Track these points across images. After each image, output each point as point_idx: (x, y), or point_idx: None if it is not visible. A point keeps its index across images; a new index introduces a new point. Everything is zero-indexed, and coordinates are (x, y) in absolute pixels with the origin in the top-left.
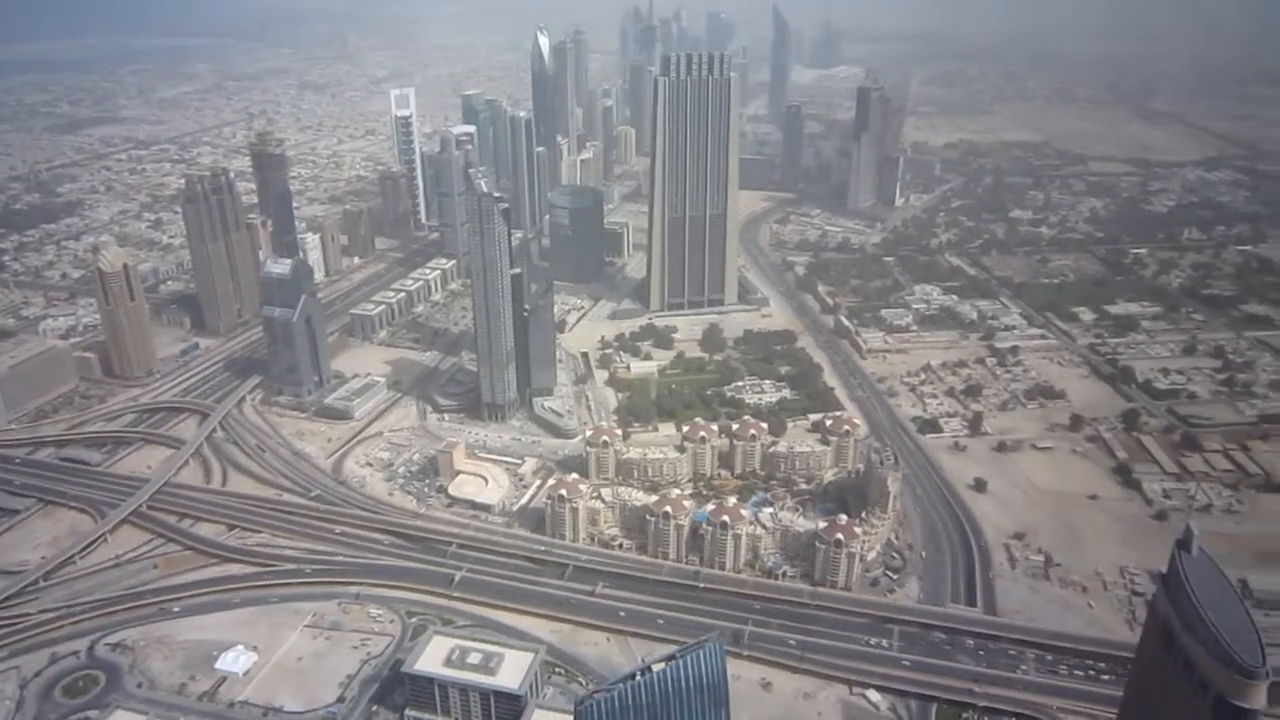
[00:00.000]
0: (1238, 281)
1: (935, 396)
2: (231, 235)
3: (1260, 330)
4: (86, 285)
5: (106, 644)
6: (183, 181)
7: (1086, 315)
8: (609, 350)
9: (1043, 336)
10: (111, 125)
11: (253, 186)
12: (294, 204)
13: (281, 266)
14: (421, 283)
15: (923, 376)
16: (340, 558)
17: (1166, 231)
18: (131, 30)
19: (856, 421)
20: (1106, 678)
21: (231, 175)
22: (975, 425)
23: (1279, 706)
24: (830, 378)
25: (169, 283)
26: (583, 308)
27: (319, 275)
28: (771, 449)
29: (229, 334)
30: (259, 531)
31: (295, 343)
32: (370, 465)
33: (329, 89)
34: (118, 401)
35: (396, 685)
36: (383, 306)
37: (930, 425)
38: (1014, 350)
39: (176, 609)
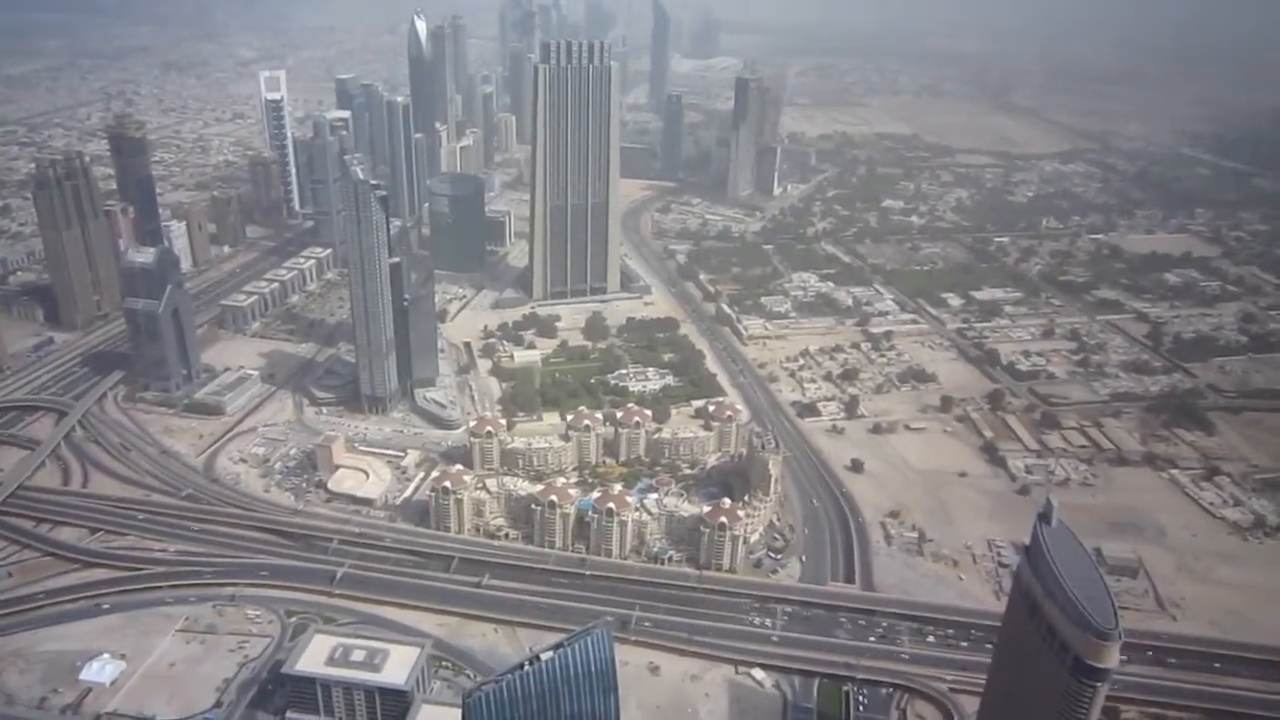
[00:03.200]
0: (1091, 268)
1: (814, 381)
2: (89, 223)
3: (1111, 314)
4: None
5: None
6: (33, 166)
7: (955, 301)
8: (492, 340)
9: (914, 321)
10: None
11: (111, 172)
12: (157, 190)
13: (144, 256)
14: (296, 272)
15: (801, 362)
16: (215, 558)
17: (1027, 220)
18: None
19: (738, 407)
20: (977, 646)
21: (87, 159)
22: (852, 408)
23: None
24: (712, 364)
25: (19, 273)
26: (464, 297)
27: (186, 265)
28: (656, 436)
29: (87, 327)
30: (125, 535)
31: (161, 335)
32: (245, 461)
33: (194, 70)
34: None
35: (277, 687)
36: (255, 297)
37: (809, 409)
38: (888, 335)
39: (34, 619)
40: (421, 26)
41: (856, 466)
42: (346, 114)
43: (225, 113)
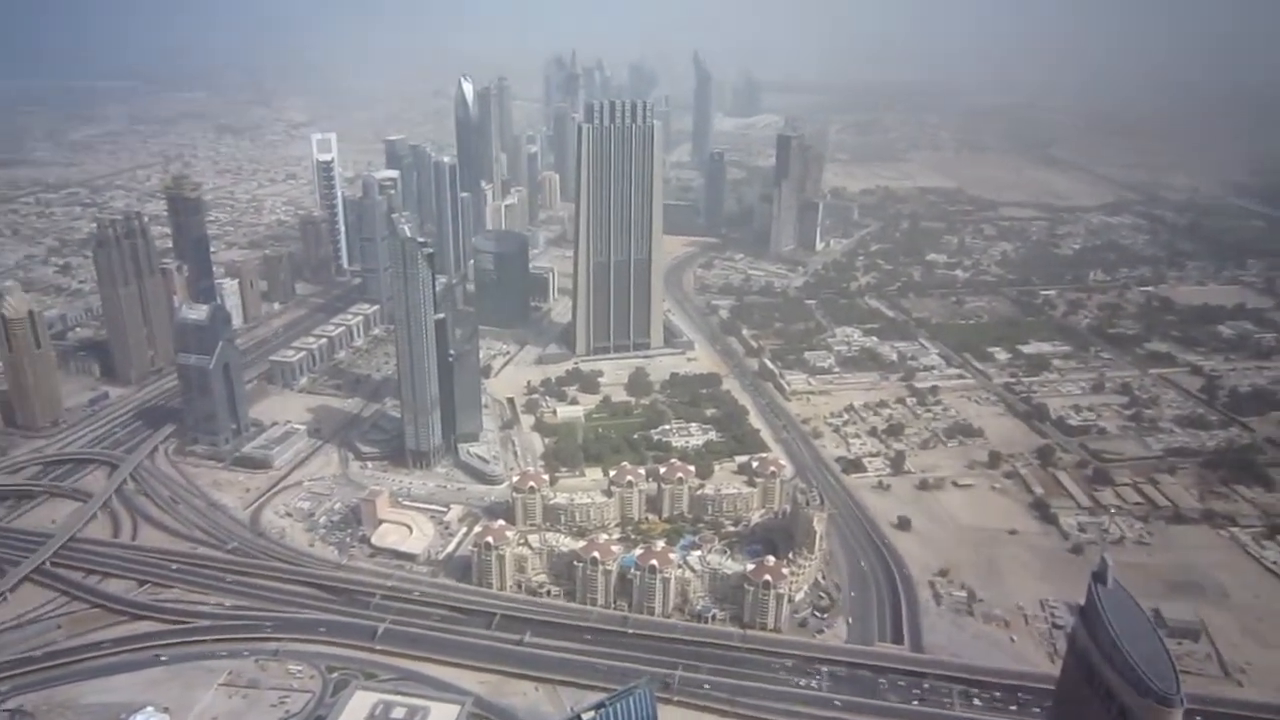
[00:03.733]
0: (1141, 321)
1: (858, 437)
2: (145, 280)
3: (1164, 368)
4: None
5: (5, 710)
6: (93, 225)
7: (1001, 355)
8: (535, 395)
9: (960, 376)
10: (18, 168)
11: (168, 231)
12: (211, 249)
13: (197, 312)
14: (343, 328)
15: (845, 417)
16: (258, 612)
17: (1074, 273)
18: (35, 72)
19: (782, 463)
20: (1030, 710)
21: (145, 219)
22: (898, 464)
23: None
24: (755, 420)
25: (78, 329)
26: (508, 353)
27: (237, 321)
28: (699, 492)
29: (141, 382)
30: (171, 587)
31: (212, 390)
32: (290, 515)
33: (247, 133)
34: (21, 453)
35: None
36: (303, 353)
37: (854, 465)
38: (933, 390)
39: (81, 670)
40: (468, 89)
41: (903, 524)
42: (395, 174)
43: (278, 174)
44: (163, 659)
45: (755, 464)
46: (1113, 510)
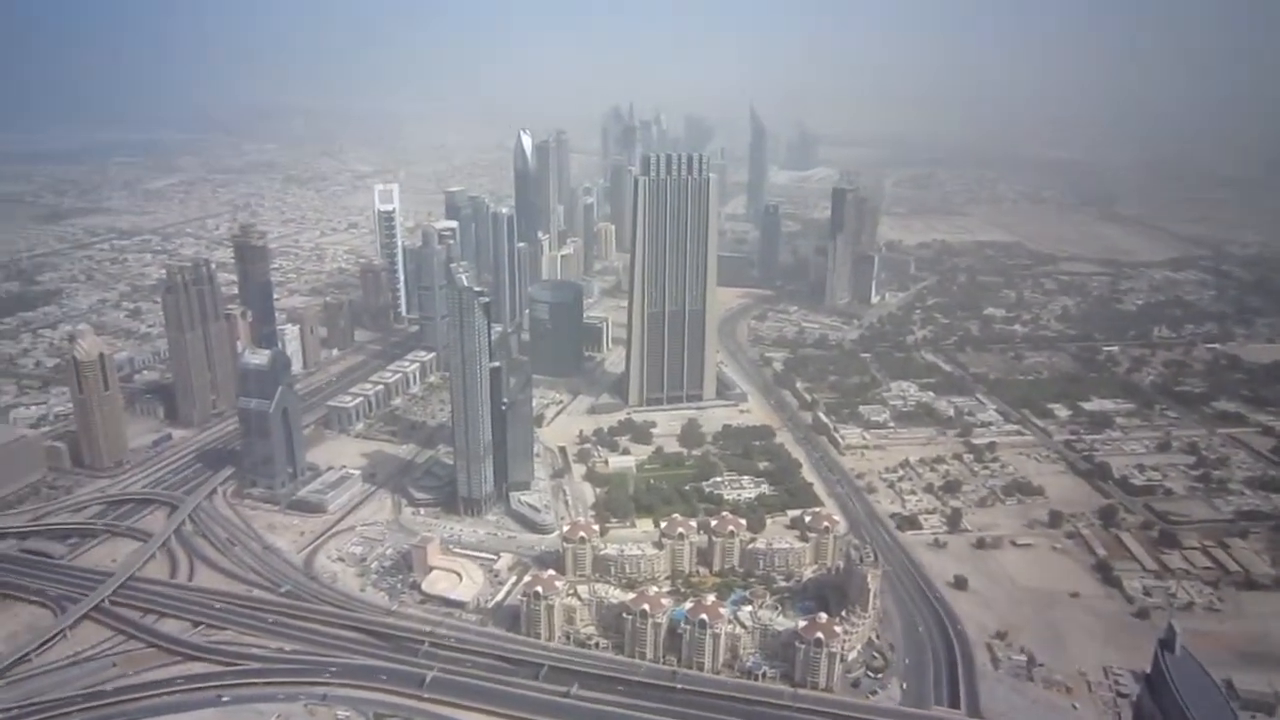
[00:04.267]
0: (1208, 379)
1: (914, 493)
2: (210, 325)
3: (1232, 427)
4: (60, 374)
5: None
6: (163, 271)
7: (1062, 412)
8: (587, 445)
9: (1019, 433)
10: (96, 215)
11: (234, 278)
12: (274, 295)
13: (259, 357)
14: (400, 375)
15: (901, 473)
16: (309, 656)
17: (1137, 329)
18: (120, 124)
19: (835, 518)
20: None
21: (213, 266)
22: (954, 522)
23: None
24: (809, 474)
25: (144, 372)
26: (561, 402)
27: (297, 367)
28: (750, 545)
29: (203, 425)
30: (225, 629)
31: (270, 434)
32: (343, 560)
33: (313, 183)
34: (85, 492)
35: None
36: (360, 399)
37: (909, 522)
38: (991, 446)
39: (134, 710)
40: (527, 142)
41: (960, 583)
42: (454, 224)
43: (341, 223)
44: (224, 699)
45: (808, 519)
46: (1180, 574)
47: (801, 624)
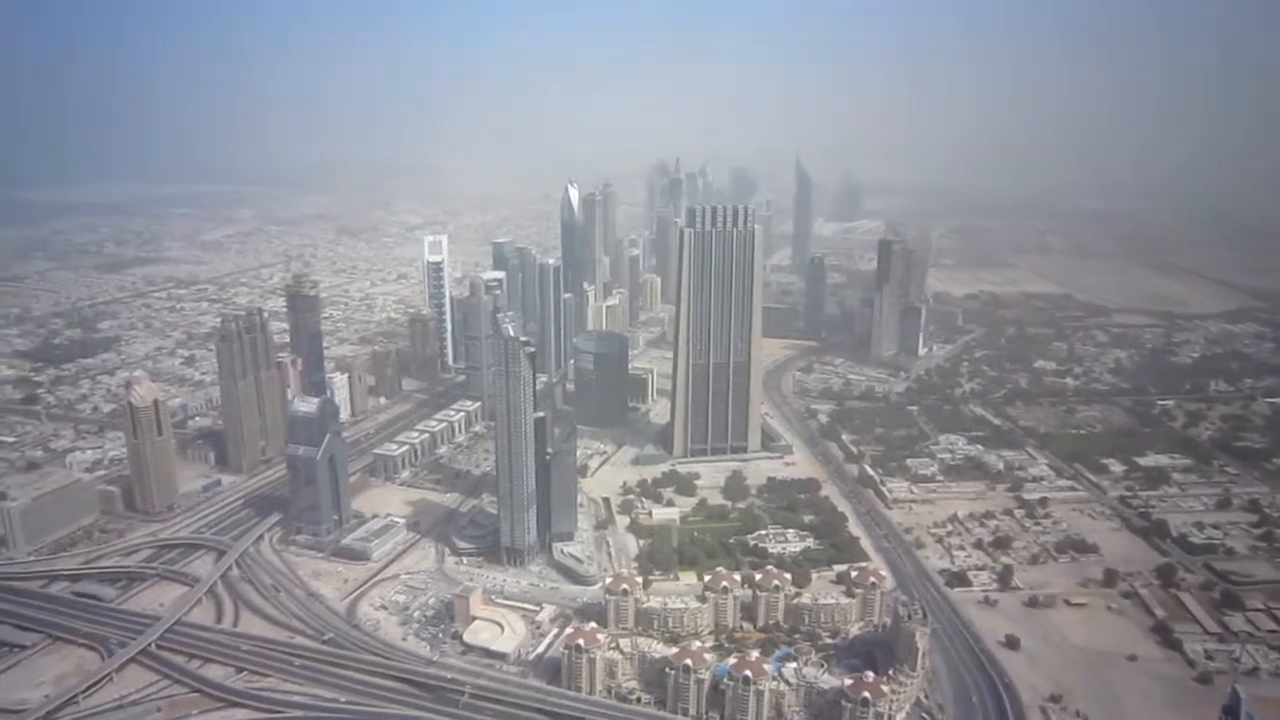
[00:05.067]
0: (1269, 434)
1: (963, 548)
2: (262, 373)
3: None
4: (116, 419)
5: None
6: (218, 320)
7: (1116, 467)
8: (631, 496)
9: (1072, 488)
10: (155, 265)
11: (286, 326)
12: (324, 344)
13: (308, 405)
14: (445, 424)
15: (950, 528)
16: (349, 705)
17: (1193, 383)
18: (181, 178)
19: (882, 573)
20: None
21: (266, 315)
22: (1005, 579)
23: None
24: (855, 528)
25: (197, 418)
26: (605, 452)
27: (345, 414)
28: (795, 600)
29: (252, 471)
30: (268, 675)
31: (317, 481)
32: (385, 608)
33: (365, 234)
34: (137, 536)
35: None
36: (406, 447)
37: (959, 578)
38: (1043, 502)
39: None
40: (574, 194)
41: (1012, 643)
42: (501, 275)
43: (390, 273)
44: None
45: (854, 574)
46: (1244, 638)
47: (848, 682)
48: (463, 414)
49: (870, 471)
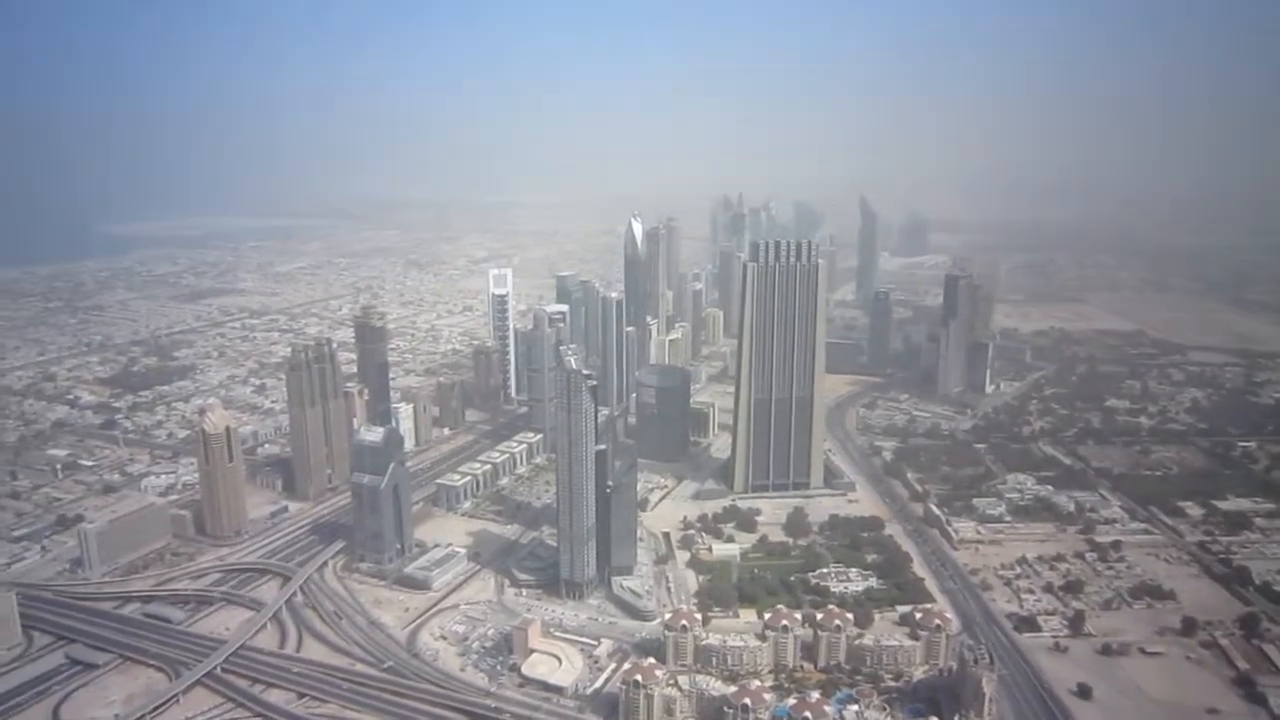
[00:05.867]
0: None
1: (1032, 592)
2: (329, 402)
3: None
4: (189, 445)
5: None
6: (289, 349)
7: (1194, 510)
8: (691, 531)
9: (1147, 531)
10: (230, 296)
11: (353, 356)
12: (391, 374)
13: (374, 434)
14: (507, 455)
15: (1018, 570)
16: None
17: (1276, 424)
18: (256, 212)
19: (948, 616)
20: None
21: (334, 345)
22: (1077, 625)
23: None
24: (919, 568)
25: (266, 446)
26: (666, 487)
27: (409, 444)
28: (857, 641)
29: (318, 498)
30: (328, 702)
31: (381, 510)
32: (444, 638)
33: (431, 267)
34: (206, 560)
35: None
36: (468, 478)
37: (1027, 623)
38: (1116, 545)
39: None
40: (638, 228)
41: (1083, 692)
42: (564, 308)
43: (456, 305)
44: None
45: (919, 615)
46: None
47: None
48: (524, 446)
49: (935, 511)
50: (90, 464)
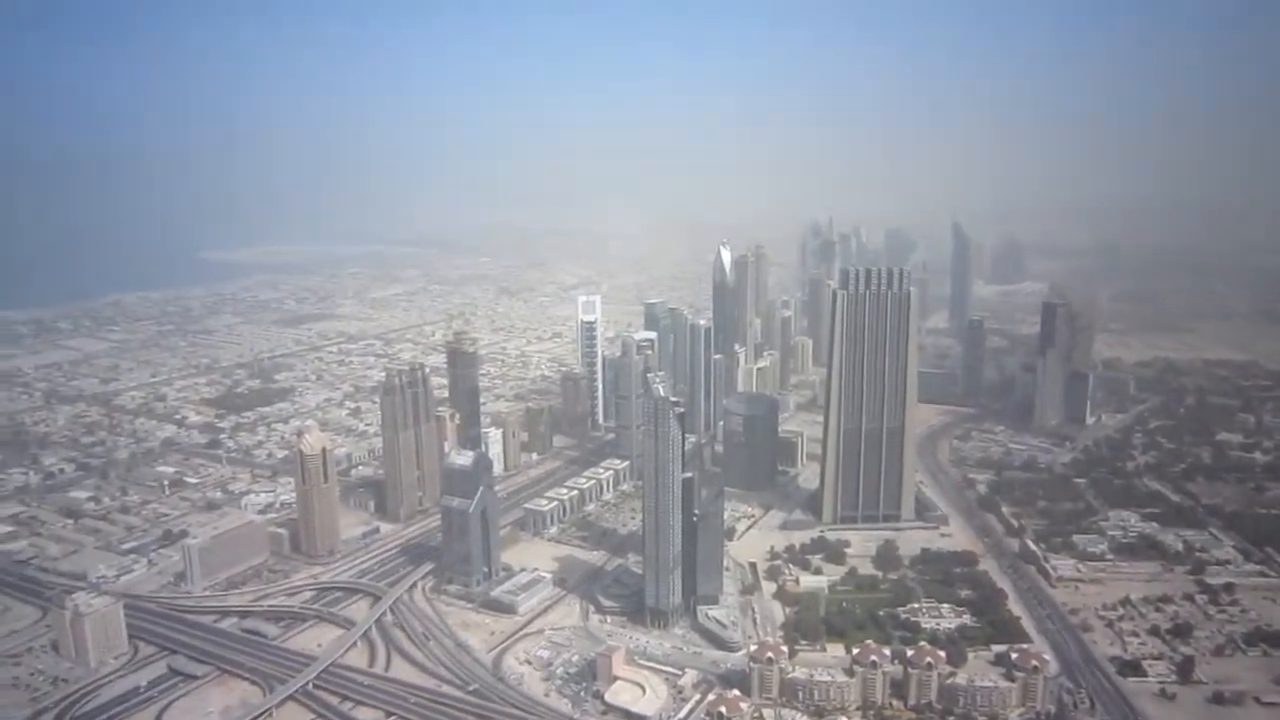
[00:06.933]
0: None
1: (1136, 634)
2: (421, 426)
3: None
4: (288, 465)
5: None
6: (383, 374)
7: None
8: (778, 561)
9: (1262, 574)
10: (328, 320)
11: (445, 381)
12: (481, 400)
13: (464, 458)
14: (594, 482)
15: (1121, 611)
16: None
17: None
18: (355, 239)
19: (1046, 657)
20: None
21: (427, 370)
22: (1185, 671)
23: None
24: (1015, 606)
25: (360, 467)
26: (753, 516)
27: (498, 469)
28: (950, 680)
29: (408, 520)
30: None
31: (469, 533)
32: (529, 663)
33: (522, 294)
34: (300, 578)
35: None
36: (555, 503)
37: (1131, 667)
38: (1229, 588)
39: None
40: (726, 255)
41: None
42: (652, 335)
43: (545, 332)
44: None
45: (1014, 655)
46: None
47: None
48: (611, 472)
49: (1032, 546)
50: (195, 481)
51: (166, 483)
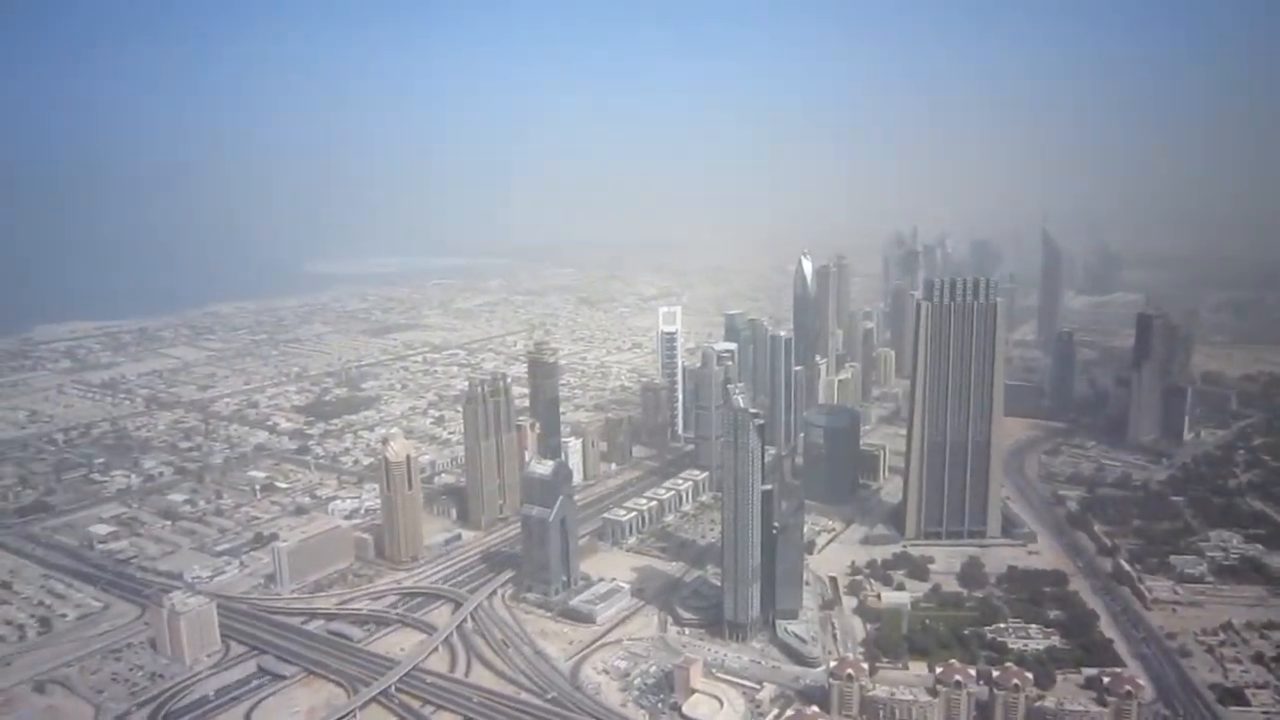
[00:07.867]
0: None
1: (1239, 661)
2: (502, 435)
3: None
4: (373, 472)
5: None
6: (466, 383)
7: None
8: (859, 577)
9: None
10: (414, 331)
11: (526, 391)
12: (561, 409)
13: (544, 467)
14: (673, 493)
15: (1222, 636)
16: None
17: None
18: (441, 251)
19: (1140, 682)
20: None
21: (509, 380)
22: None
23: None
24: (1107, 628)
25: (442, 475)
26: (833, 530)
27: (577, 478)
28: (1038, 703)
29: (489, 528)
30: None
31: (549, 542)
32: (607, 673)
33: (603, 305)
34: (384, 583)
35: None
36: (634, 513)
37: (1233, 695)
38: None
39: None
40: (808, 266)
41: None
42: (732, 346)
43: (625, 342)
44: None
45: (1107, 679)
46: None
47: None
48: (690, 483)
49: (1126, 567)
50: (285, 486)
51: (258, 487)
